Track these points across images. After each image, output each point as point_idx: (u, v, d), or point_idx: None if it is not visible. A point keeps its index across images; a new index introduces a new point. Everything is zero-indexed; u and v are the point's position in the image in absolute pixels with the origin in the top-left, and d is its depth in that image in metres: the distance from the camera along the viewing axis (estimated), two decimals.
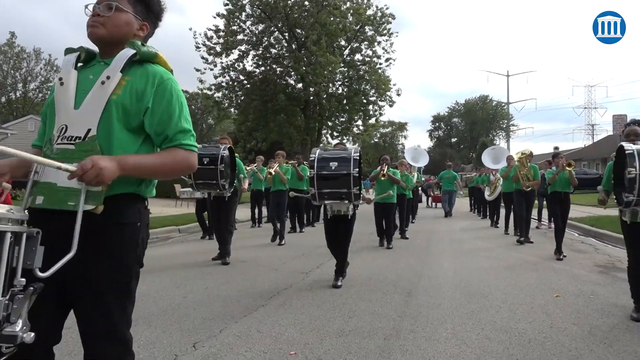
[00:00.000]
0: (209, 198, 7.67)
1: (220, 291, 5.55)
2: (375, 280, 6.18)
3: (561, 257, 7.77)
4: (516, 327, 4.17)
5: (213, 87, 33.20)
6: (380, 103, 35.04)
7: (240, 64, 33.14)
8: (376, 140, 70.85)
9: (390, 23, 34.62)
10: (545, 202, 10.97)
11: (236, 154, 7.78)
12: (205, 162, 6.62)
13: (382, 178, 8.95)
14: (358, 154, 5.50)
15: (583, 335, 3.98)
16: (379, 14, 34.30)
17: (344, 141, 40.01)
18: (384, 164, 9.04)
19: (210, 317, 4.40)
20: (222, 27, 32.17)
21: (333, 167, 5.39)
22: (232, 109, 36.71)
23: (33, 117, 33.32)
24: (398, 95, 35.35)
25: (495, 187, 14.02)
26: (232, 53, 32.52)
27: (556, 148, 65.83)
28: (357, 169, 5.40)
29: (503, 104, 64.42)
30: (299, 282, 6.05)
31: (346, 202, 5.57)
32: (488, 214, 15.85)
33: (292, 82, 34.11)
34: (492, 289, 5.72)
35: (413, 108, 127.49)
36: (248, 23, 32.96)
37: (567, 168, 7.93)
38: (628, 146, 4.27)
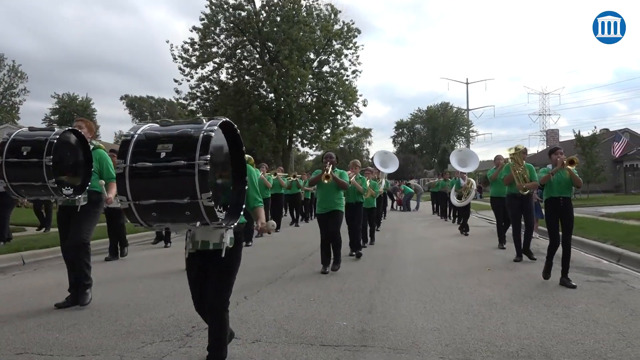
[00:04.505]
0: (57, 209, 5.30)
1: (244, 269, 7.34)
2: (355, 264, 8.09)
3: (548, 276, 6.32)
4: (457, 286, 6.17)
5: (189, 97, 34.74)
6: (348, 113, 37.34)
7: (215, 75, 34.83)
8: (342, 146, 73.05)
9: (356, 37, 36.96)
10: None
11: (99, 144, 5.59)
12: (24, 154, 4.47)
13: (326, 181, 7.13)
14: (214, 128, 2.68)
15: (500, 289, 6.00)
16: (345, 28, 36.56)
17: (313, 149, 42.24)
18: (327, 163, 7.25)
19: (247, 283, 6.22)
20: (197, 40, 33.81)
21: (163, 155, 2.64)
22: (205, 119, 38.25)
23: (9, 126, 33.84)
24: (364, 105, 37.73)
25: (468, 192, 13.21)
26: (208, 65, 34.16)
27: None
28: (207, 157, 2.56)
29: (463, 111, 68.03)
30: (299, 264, 7.92)
31: (201, 225, 2.76)
32: (451, 217, 17.17)
33: (264, 92, 35.96)
34: (443, 266, 7.77)
35: (373, 113, 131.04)
36: (222, 36, 34.66)
37: (569, 167, 6.17)
38: None
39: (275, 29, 33.99)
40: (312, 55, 36.39)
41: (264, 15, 34.14)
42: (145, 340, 4.01)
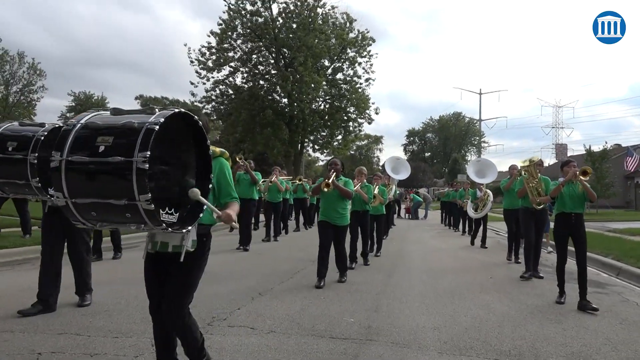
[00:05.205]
0: (43, 209, 5.09)
1: (256, 270, 7.77)
2: (363, 268, 8.46)
3: (562, 300, 6.00)
4: (459, 291, 6.52)
5: (204, 100, 35.39)
6: (360, 120, 37.74)
7: (231, 79, 35.48)
8: (352, 152, 73.28)
9: (371, 45, 37.37)
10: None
11: None
12: (9, 149, 4.22)
13: (326, 189, 6.63)
14: (160, 120, 2.38)
15: (500, 296, 6.34)
16: (360, 37, 36.99)
17: (324, 154, 42.68)
18: (331, 171, 6.88)
19: (260, 281, 6.66)
20: (214, 44, 34.47)
21: (102, 149, 2.35)
22: (220, 121, 38.98)
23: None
24: (377, 113, 38.04)
25: (484, 204, 12.82)
26: (224, 69, 34.82)
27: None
28: (147, 153, 2.27)
29: (475, 121, 68.06)
30: (309, 266, 8.24)
31: (147, 229, 2.55)
32: (463, 228, 16.19)
33: (277, 97, 36.49)
34: (448, 273, 8.12)
35: (385, 120, 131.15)
36: (239, 41, 35.28)
37: (582, 177, 5.82)
38: None
39: (291, 35, 34.52)
40: (326, 63, 36.85)
41: (281, 22, 34.68)
42: None
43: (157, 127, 2.32)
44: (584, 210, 6.18)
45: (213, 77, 35.02)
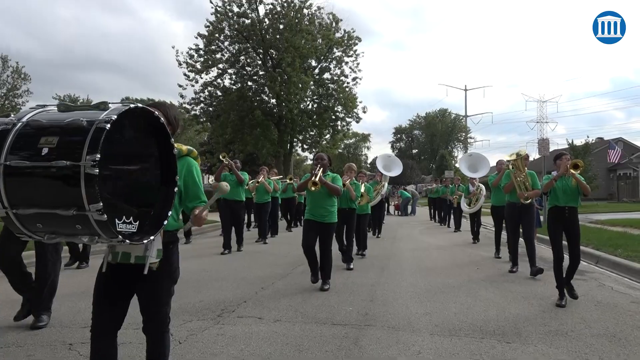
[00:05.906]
0: None
1: (258, 265, 8.16)
2: (357, 263, 8.86)
3: (563, 302, 5.54)
4: (448, 281, 6.98)
5: (192, 102, 35.59)
6: (348, 119, 38.24)
7: (219, 81, 35.74)
8: (340, 151, 73.66)
9: (357, 44, 37.86)
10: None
11: None
12: None
13: (313, 188, 6.17)
14: (112, 118, 2.08)
15: (485, 284, 6.81)
16: (346, 36, 37.46)
17: (312, 153, 43.07)
18: (317, 167, 6.37)
19: (262, 276, 7.06)
20: (202, 46, 34.70)
21: (45, 152, 2.05)
22: (209, 123, 39.19)
23: None
24: (364, 112, 38.59)
25: (477, 198, 12.76)
26: (212, 71, 35.06)
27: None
28: (97, 156, 1.97)
29: (461, 117, 68.92)
30: (304, 264, 8.68)
31: (100, 242, 2.21)
32: (451, 223, 16.39)
33: (266, 98, 36.84)
34: (437, 265, 8.60)
35: (371, 117, 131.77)
36: (226, 43, 35.55)
37: (572, 171, 5.70)
38: None
39: (278, 36, 34.82)
40: (313, 63, 37.26)
41: (267, 23, 35.00)
42: (185, 319, 4.81)
43: (109, 125, 2.04)
44: (579, 204, 5.99)
45: (202, 79, 35.30)
